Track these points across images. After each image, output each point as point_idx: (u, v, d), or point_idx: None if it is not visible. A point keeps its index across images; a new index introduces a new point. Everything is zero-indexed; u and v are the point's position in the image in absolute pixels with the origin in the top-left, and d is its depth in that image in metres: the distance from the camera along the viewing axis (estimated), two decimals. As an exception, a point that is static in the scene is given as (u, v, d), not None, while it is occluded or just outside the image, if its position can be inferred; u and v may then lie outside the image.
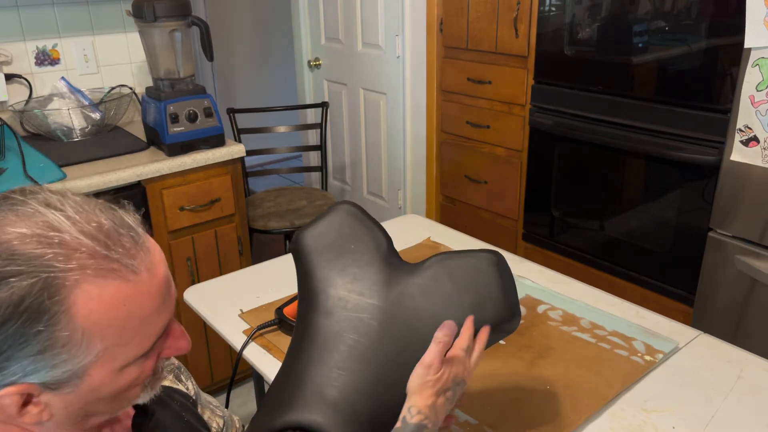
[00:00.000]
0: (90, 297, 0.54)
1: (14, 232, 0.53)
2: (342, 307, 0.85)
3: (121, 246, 0.56)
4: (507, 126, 2.48)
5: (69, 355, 0.54)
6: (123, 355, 0.58)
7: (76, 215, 0.55)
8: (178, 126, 1.96)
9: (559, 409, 1.01)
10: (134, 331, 0.58)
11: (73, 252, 0.53)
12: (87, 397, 0.59)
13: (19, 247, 0.52)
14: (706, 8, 1.76)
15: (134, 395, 0.63)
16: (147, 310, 0.58)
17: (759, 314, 1.77)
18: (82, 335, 0.54)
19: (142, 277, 0.57)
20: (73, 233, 0.54)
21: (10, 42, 2.17)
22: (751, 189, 1.71)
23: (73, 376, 0.56)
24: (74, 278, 0.53)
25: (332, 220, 0.92)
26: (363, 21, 3.07)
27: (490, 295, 0.85)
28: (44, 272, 0.52)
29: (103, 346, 0.56)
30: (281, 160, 4.80)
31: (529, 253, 2.50)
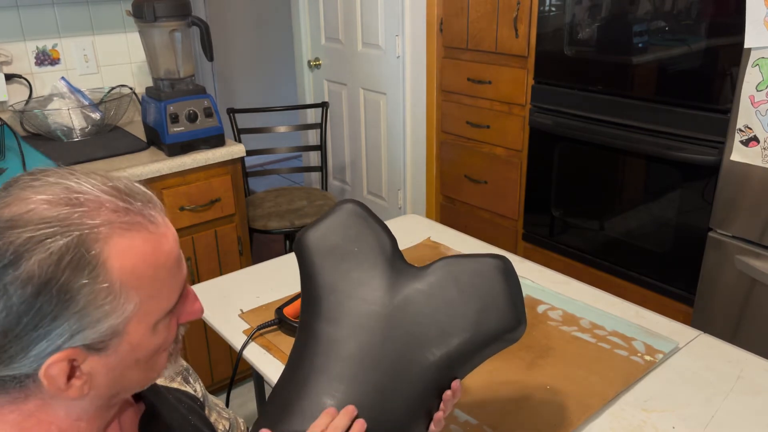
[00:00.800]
0: (121, 249, 0.57)
1: (38, 199, 0.55)
2: (344, 313, 0.83)
3: (138, 200, 0.60)
4: (507, 126, 2.48)
5: (111, 308, 0.56)
6: (156, 308, 0.60)
7: (91, 179, 0.59)
8: (178, 126, 1.96)
9: (559, 409, 1.01)
10: (163, 281, 0.60)
11: (98, 208, 0.57)
12: (126, 360, 0.60)
13: (47, 212, 0.55)
14: (706, 8, 1.76)
15: (162, 363, 0.65)
16: (171, 260, 0.61)
17: (759, 314, 1.77)
18: (120, 287, 0.57)
19: (161, 227, 0.61)
20: (94, 192, 0.58)
21: (10, 42, 2.17)
22: (751, 189, 1.71)
23: (115, 333, 0.58)
24: (105, 232, 0.56)
25: (336, 220, 0.90)
26: (363, 21, 3.07)
27: (496, 303, 0.83)
28: (77, 230, 0.55)
29: (139, 298, 0.58)
30: (281, 160, 4.80)
31: (529, 253, 2.50)
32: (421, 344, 0.81)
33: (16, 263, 0.53)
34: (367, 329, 0.82)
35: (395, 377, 0.80)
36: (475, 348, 0.83)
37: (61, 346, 0.56)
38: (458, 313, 0.83)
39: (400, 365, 0.80)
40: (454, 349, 0.82)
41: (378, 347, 0.81)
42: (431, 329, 0.82)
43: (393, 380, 0.79)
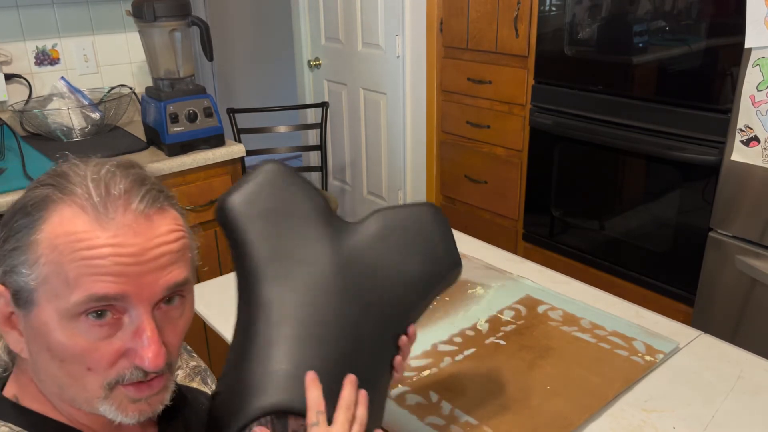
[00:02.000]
0: (61, 218, 0.60)
1: (58, 169, 0.65)
2: (291, 277, 0.78)
3: (111, 201, 0.61)
4: (507, 126, 2.48)
5: (28, 259, 0.59)
6: (60, 293, 0.58)
7: (99, 171, 0.63)
8: (178, 126, 1.96)
9: (560, 409, 1.01)
10: (71, 269, 0.58)
11: (77, 184, 0.62)
12: (40, 340, 0.60)
13: (52, 174, 0.65)
14: (706, 8, 1.76)
15: (91, 386, 0.61)
16: (93, 254, 0.58)
17: (759, 314, 1.76)
18: (43, 248, 0.59)
19: (110, 225, 0.60)
20: (86, 176, 0.63)
21: (10, 42, 2.16)
22: (752, 189, 1.71)
23: (28, 295, 0.60)
24: (63, 200, 0.61)
25: (260, 182, 0.83)
26: (363, 21, 3.07)
27: (436, 246, 0.86)
28: (58, 187, 0.62)
29: (48, 271, 0.59)
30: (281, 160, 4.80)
31: (529, 253, 2.49)
32: (373, 296, 0.81)
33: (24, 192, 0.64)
34: (319, 289, 0.78)
35: (357, 333, 0.78)
36: (423, 291, 0.85)
37: (2, 278, 0.61)
38: (403, 260, 0.84)
39: (358, 319, 0.79)
40: (405, 294, 0.83)
41: (334, 305, 0.78)
42: (380, 280, 0.82)
43: (355, 336, 0.78)
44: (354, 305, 0.79)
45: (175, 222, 0.65)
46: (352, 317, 0.78)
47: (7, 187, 1.68)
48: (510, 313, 1.28)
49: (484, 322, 1.25)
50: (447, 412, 1.01)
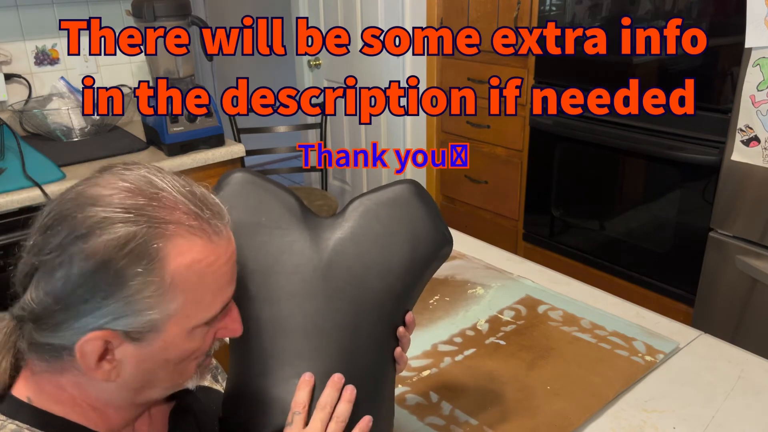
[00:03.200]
0: (181, 250, 0.59)
1: (122, 186, 0.60)
2: (277, 288, 0.77)
3: (209, 210, 0.63)
4: (507, 126, 2.48)
5: (156, 302, 0.59)
6: (196, 314, 0.62)
7: (174, 180, 0.63)
8: (178, 126, 1.96)
9: (560, 409, 1.00)
10: (208, 291, 0.62)
11: (172, 207, 0.60)
12: (157, 357, 0.62)
13: (127, 199, 0.59)
14: (706, 8, 1.76)
15: (191, 371, 0.67)
16: (221, 273, 0.63)
17: (759, 314, 1.76)
18: (170, 285, 0.59)
19: (223, 240, 0.63)
20: (173, 192, 0.61)
21: (9, 42, 2.16)
22: (752, 189, 1.71)
23: (154, 327, 0.60)
24: (171, 230, 0.59)
25: (229, 195, 0.82)
26: (363, 21, 3.07)
27: (421, 226, 0.82)
28: (147, 222, 0.58)
29: (184, 300, 0.60)
30: (281, 160, 4.80)
31: (529, 253, 2.49)
32: (365, 290, 0.78)
33: (87, 237, 0.57)
34: (307, 295, 0.77)
35: (353, 332, 0.77)
36: (415, 275, 0.82)
37: (103, 325, 0.58)
38: (390, 247, 0.80)
39: (353, 318, 0.77)
40: (396, 283, 0.80)
41: (325, 309, 0.77)
42: (369, 272, 0.79)
43: (352, 336, 0.76)
44: (344, 306, 0.77)
45: None
46: (344, 319, 0.77)
47: (7, 187, 1.68)
48: (510, 313, 1.28)
49: (484, 323, 1.25)
50: (447, 413, 1.00)
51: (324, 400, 0.72)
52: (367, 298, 0.78)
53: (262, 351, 0.76)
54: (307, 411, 0.72)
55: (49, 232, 0.59)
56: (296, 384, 0.73)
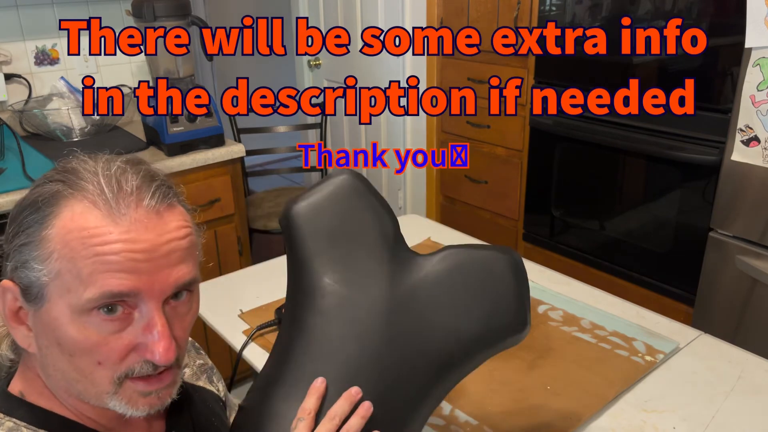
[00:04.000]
0: (72, 213, 0.59)
1: (88, 163, 0.64)
2: (341, 307, 0.75)
3: (123, 197, 0.61)
4: (507, 126, 2.48)
5: (40, 255, 0.59)
6: (75, 289, 0.58)
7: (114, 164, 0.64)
8: (178, 126, 1.96)
9: (560, 409, 1.00)
10: (85, 265, 0.58)
11: (92, 178, 0.61)
12: (50, 334, 0.61)
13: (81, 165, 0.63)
14: (706, 8, 1.76)
15: (99, 378, 0.61)
16: (106, 250, 0.58)
17: (759, 314, 1.76)
18: (53, 241, 0.59)
19: (122, 221, 0.60)
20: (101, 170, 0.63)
21: (9, 42, 2.16)
22: (752, 189, 1.71)
23: (39, 291, 0.60)
24: (74, 195, 0.60)
25: (331, 195, 0.80)
26: (363, 21, 3.07)
27: (506, 304, 0.78)
28: (61, 186, 0.61)
29: (60, 267, 0.59)
30: (281, 160, 4.80)
31: (529, 253, 2.49)
32: (424, 346, 0.75)
33: (30, 188, 0.64)
34: (367, 327, 0.74)
35: (396, 379, 0.73)
36: (478, 350, 0.78)
37: (10, 275, 0.62)
38: (466, 314, 0.76)
39: (400, 367, 0.74)
40: (457, 351, 0.76)
41: (379, 347, 0.73)
42: (436, 328, 0.75)
43: (393, 383, 0.73)
44: (396, 352, 0.74)
45: (183, 218, 0.65)
46: (392, 365, 0.73)
47: (7, 187, 1.68)
48: (510, 313, 1.28)
49: (485, 322, 1.24)
50: (447, 413, 1.00)
51: (334, 411, 0.69)
52: (423, 354, 0.75)
53: (303, 365, 0.73)
54: (314, 419, 0.68)
55: None
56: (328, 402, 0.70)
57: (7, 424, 0.62)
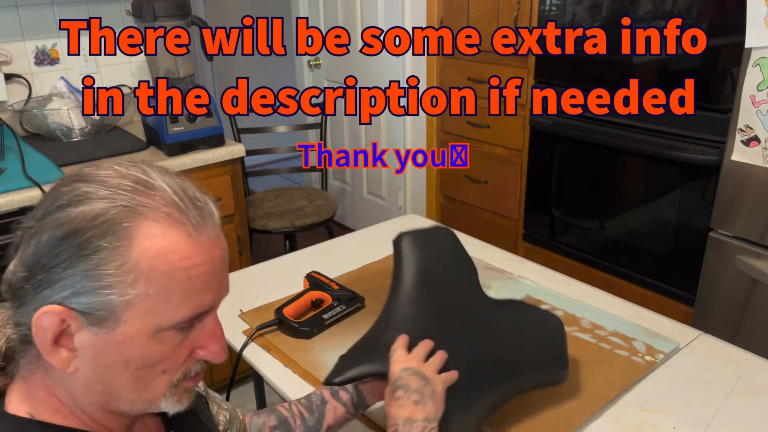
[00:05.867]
0: (152, 235, 0.57)
1: (116, 170, 0.61)
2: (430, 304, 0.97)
3: (195, 207, 0.60)
4: (507, 126, 2.48)
5: (116, 281, 0.56)
6: (160, 311, 0.58)
7: (166, 175, 0.62)
8: (178, 126, 1.96)
9: (560, 409, 1.00)
10: (177, 288, 0.58)
11: (154, 194, 0.59)
12: (116, 353, 0.59)
13: (112, 180, 0.59)
14: (706, 8, 1.76)
15: (159, 387, 0.62)
16: (196, 274, 0.59)
17: (759, 314, 1.76)
18: (133, 267, 0.56)
19: (202, 240, 0.60)
20: (161, 183, 0.60)
21: (9, 42, 2.16)
22: (752, 189, 1.71)
23: (112, 312, 0.57)
24: (146, 214, 0.57)
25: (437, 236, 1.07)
26: (363, 21, 3.07)
27: (559, 352, 0.99)
28: (125, 201, 0.57)
29: (147, 290, 0.57)
30: (281, 160, 4.80)
31: (529, 253, 2.49)
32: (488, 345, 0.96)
33: (64, 208, 0.57)
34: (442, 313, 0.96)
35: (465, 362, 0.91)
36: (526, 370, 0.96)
37: (62, 300, 0.56)
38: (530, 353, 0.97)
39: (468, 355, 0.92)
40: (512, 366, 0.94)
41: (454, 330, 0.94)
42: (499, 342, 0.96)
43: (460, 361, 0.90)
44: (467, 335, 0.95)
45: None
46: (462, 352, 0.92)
47: (7, 187, 1.68)
48: (510, 313, 1.28)
49: (485, 322, 1.24)
50: (447, 413, 1.00)
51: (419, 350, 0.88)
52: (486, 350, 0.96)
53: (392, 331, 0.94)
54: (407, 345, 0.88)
55: (37, 205, 0.59)
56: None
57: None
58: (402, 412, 0.80)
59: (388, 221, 1.78)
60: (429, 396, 0.82)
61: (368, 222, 3.35)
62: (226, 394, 1.25)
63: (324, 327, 1.23)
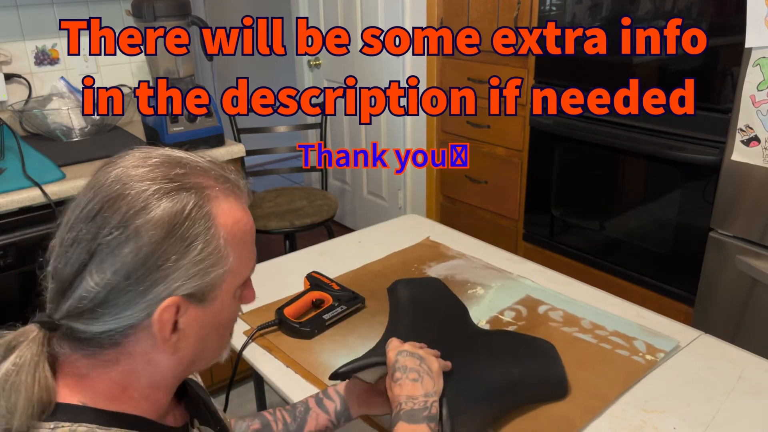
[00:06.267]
0: (224, 210, 0.64)
1: (153, 161, 0.64)
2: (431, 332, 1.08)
3: (232, 178, 0.68)
4: (507, 126, 2.48)
5: (217, 258, 0.63)
6: (242, 271, 0.67)
7: (191, 154, 0.68)
8: (178, 126, 1.96)
9: (561, 410, 1.00)
10: (248, 248, 0.68)
11: (204, 174, 0.65)
12: (214, 320, 0.66)
13: (166, 171, 0.63)
14: (706, 8, 1.76)
15: (227, 339, 0.72)
16: (251, 233, 0.68)
17: (759, 314, 1.76)
18: (225, 242, 0.64)
19: (247, 204, 0.69)
20: (197, 160, 0.67)
21: (9, 42, 2.16)
22: (752, 189, 1.71)
23: (215, 285, 0.64)
24: (214, 195, 0.64)
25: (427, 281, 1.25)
26: (363, 21, 3.07)
27: (557, 368, 1.06)
28: (193, 188, 0.63)
29: (235, 256, 0.65)
30: (281, 160, 4.80)
31: (529, 253, 2.49)
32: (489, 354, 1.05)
33: (147, 209, 0.60)
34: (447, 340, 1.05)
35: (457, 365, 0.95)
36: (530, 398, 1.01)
37: (175, 290, 0.61)
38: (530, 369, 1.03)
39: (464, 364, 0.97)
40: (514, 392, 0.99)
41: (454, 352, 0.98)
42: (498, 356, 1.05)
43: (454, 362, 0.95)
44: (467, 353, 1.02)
45: None
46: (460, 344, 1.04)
47: (7, 187, 1.68)
48: (511, 313, 1.28)
49: (485, 323, 1.24)
50: (447, 413, 1.00)
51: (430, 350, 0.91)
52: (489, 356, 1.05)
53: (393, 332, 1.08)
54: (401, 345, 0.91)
55: (101, 216, 0.60)
56: None
57: (80, 430, 0.61)
58: (403, 391, 0.84)
59: (388, 221, 1.78)
60: (426, 373, 0.86)
61: (368, 222, 3.35)
62: (226, 394, 1.25)
63: (325, 327, 1.23)
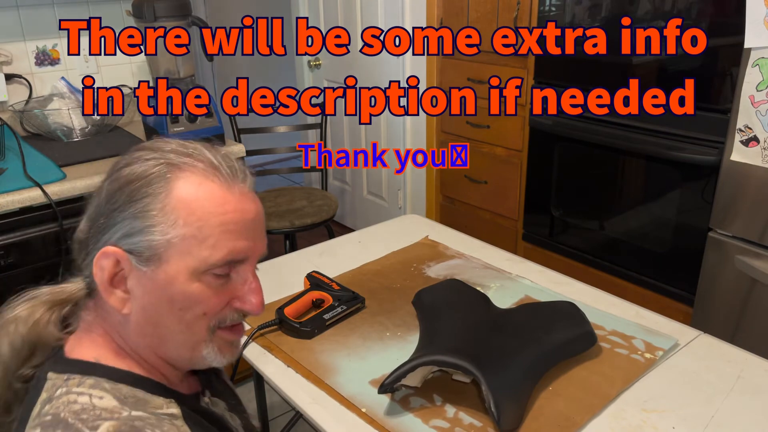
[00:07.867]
0: (190, 183, 0.67)
1: (163, 141, 0.71)
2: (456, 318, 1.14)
3: (228, 168, 0.70)
4: (507, 126, 2.48)
5: (158, 221, 0.65)
6: (196, 252, 0.66)
7: (202, 144, 0.72)
8: (178, 126, 1.96)
9: (562, 409, 1.01)
10: (210, 232, 0.66)
11: (192, 153, 0.69)
12: (162, 293, 0.67)
13: (162, 146, 0.70)
14: (706, 8, 1.76)
15: (200, 331, 0.69)
16: (230, 219, 0.67)
17: (759, 314, 1.77)
18: (173, 208, 0.65)
19: (234, 193, 0.68)
20: (201, 149, 0.70)
21: (10, 42, 2.16)
22: (751, 189, 1.71)
23: (156, 251, 0.66)
24: (187, 168, 0.67)
25: (447, 282, 1.28)
26: (363, 21, 3.07)
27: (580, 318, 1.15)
28: (170, 161, 0.67)
29: (183, 232, 0.65)
30: (281, 160, 4.80)
31: (529, 253, 2.50)
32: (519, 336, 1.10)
33: (121, 169, 0.68)
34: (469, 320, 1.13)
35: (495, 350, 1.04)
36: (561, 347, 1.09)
37: (115, 242, 0.66)
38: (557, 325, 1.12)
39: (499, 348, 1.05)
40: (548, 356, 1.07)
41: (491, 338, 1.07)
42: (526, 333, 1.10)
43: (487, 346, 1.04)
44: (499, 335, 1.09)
45: None
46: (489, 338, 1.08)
47: (8, 187, 1.68)
48: (510, 313, 1.28)
49: (485, 322, 1.25)
50: (451, 415, 1.01)
51: None
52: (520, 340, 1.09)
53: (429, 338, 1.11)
54: None
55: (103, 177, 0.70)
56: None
57: (88, 382, 0.66)
58: None
59: (387, 221, 1.78)
60: None
61: (368, 222, 3.35)
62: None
63: (325, 327, 1.23)
